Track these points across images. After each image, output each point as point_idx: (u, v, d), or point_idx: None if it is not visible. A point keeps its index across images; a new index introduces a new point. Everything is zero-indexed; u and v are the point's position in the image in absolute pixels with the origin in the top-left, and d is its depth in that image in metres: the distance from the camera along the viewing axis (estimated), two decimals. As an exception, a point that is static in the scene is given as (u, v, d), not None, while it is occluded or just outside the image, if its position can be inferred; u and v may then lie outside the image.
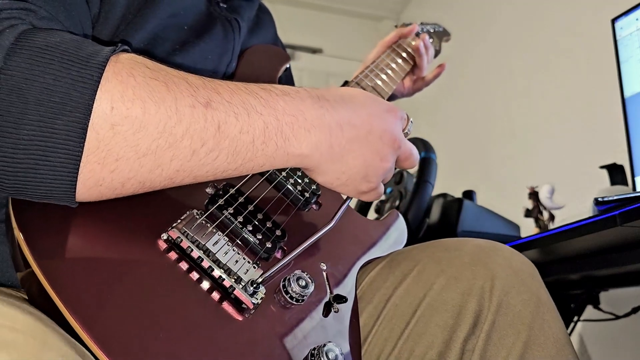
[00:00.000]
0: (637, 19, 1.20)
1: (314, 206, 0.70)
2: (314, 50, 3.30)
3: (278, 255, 0.59)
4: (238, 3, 0.79)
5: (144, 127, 0.42)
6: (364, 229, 0.73)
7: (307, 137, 0.53)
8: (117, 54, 0.44)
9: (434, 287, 0.63)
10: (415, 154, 0.64)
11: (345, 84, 0.85)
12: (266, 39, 0.89)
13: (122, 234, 0.49)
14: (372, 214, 1.56)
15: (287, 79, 0.93)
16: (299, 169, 0.69)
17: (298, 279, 0.56)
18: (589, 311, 1.47)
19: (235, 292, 0.51)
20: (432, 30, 1.12)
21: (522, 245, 1.02)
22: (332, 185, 0.59)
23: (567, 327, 1.39)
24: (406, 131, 0.64)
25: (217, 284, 0.51)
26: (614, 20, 1.25)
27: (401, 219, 0.80)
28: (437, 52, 1.13)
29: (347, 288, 0.64)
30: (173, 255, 0.51)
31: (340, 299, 0.59)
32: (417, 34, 1.06)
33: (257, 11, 0.88)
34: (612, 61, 1.25)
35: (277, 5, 0.87)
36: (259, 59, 0.78)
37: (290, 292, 0.55)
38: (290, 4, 3.23)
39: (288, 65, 0.87)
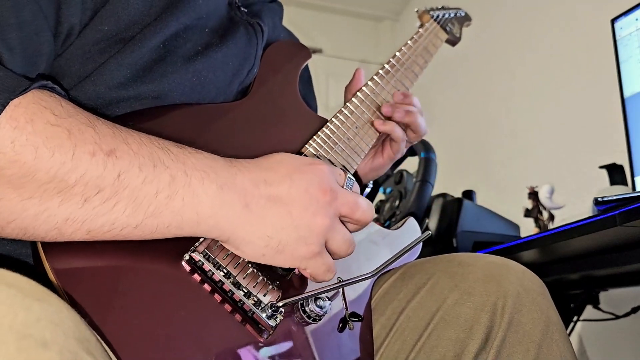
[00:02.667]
0: (636, 19, 1.20)
1: None
2: (314, 51, 3.30)
3: (297, 271, 0.59)
4: (259, 7, 0.76)
5: (32, 172, 0.42)
6: (382, 241, 0.71)
7: (219, 194, 0.49)
8: (23, 96, 0.43)
9: (447, 301, 0.64)
10: (363, 204, 0.57)
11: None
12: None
13: (147, 254, 0.50)
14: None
15: (306, 82, 0.88)
16: None
17: (316, 299, 0.56)
18: (589, 311, 1.47)
19: (254, 316, 0.52)
20: (453, 16, 1.00)
21: (521, 245, 1.02)
22: (265, 257, 0.52)
23: (566, 327, 1.39)
24: (343, 188, 0.58)
25: (237, 306, 0.52)
26: (613, 20, 1.25)
27: (418, 228, 0.78)
28: (457, 40, 1.01)
29: (362, 302, 0.64)
30: (197, 277, 0.51)
31: (357, 317, 0.59)
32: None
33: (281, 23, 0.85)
34: (611, 61, 1.25)
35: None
36: (280, 57, 0.75)
37: (307, 311, 0.56)
38: (290, 4, 3.22)
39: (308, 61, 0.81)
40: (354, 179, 0.59)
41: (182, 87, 0.60)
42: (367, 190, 0.91)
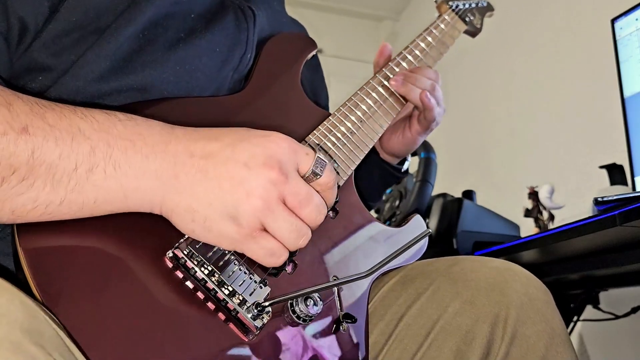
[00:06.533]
0: (636, 19, 1.20)
1: (330, 212, 0.63)
2: (314, 50, 3.30)
3: (288, 269, 0.57)
4: (257, 2, 0.73)
5: None
6: (384, 239, 0.68)
7: (145, 164, 0.46)
8: None
9: (448, 310, 0.62)
10: (316, 202, 0.49)
11: None
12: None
13: (129, 250, 0.49)
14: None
15: (314, 69, 0.85)
16: None
17: (306, 299, 0.53)
18: (589, 311, 1.47)
19: (238, 315, 0.50)
20: (474, 6, 0.96)
21: (521, 245, 1.02)
22: (195, 233, 0.48)
23: (566, 327, 1.39)
24: (309, 170, 0.50)
25: (221, 305, 0.50)
26: (613, 21, 1.25)
27: (424, 225, 0.74)
28: (477, 31, 0.97)
29: (358, 303, 0.62)
30: (179, 274, 0.50)
31: (350, 318, 0.57)
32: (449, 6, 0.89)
33: (280, 6, 0.82)
34: (611, 61, 1.25)
35: (277, 5, 0.84)
36: (282, 48, 0.72)
37: (297, 311, 0.53)
38: (290, 4, 3.22)
39: (314, 53, 0.79)
40: (327, 160, 0.52)
41: (166, 76, 0.58)
42: (407, 164, 0.92)
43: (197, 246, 0.50)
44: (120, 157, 0.46)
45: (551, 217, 1.42)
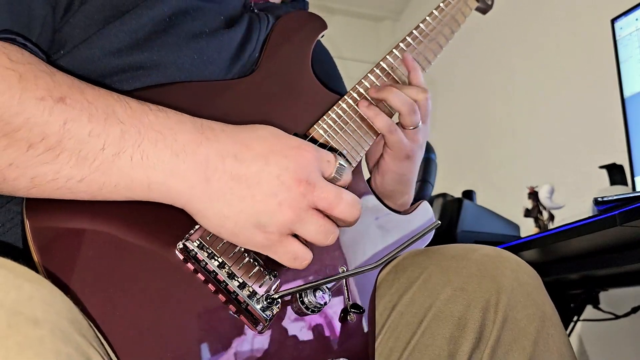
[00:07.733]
0: (636, 19, 1.20)
1: None
2: (314, 50, 3.30)
3: None
4: (275, 13, 0.74)
5: None
6: (392, 226, 0.68)
7: (174, 162, 0.46)
8: None
9: (440, 297, 0.62)
10: (346, 199, 0.51)
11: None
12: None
13: (139, 240, 0.49)
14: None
15: (320, 51, 0.83)
16: None
17: (315, 290, 0.54)
18: (589, 311, 1.48)
19: (248, 307, 0.51)
20: None
21: (521, 245, 1.02)
22: (221, 234, 0.50)
23: (566, 327, 1.39)
24: (332, 176, 0.53)
25: (232, 297, 0.51)
26: (613, 21, 1.25)
27: (431, 212, 0.73)
28: (489, 7, 0.92)
29: (366, 294, 0.62)
30: (190, 266, 0.50)
31: (357, 308, 0.58)
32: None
33: None
34: (611, 61, 1.25)
35: (277, 5, 0.84)
36: (292, 28, 0.71)
37: (306, 302, 0.54)
38: (290, 4, 3.22)
39: (324, 34, 0.77)
40: (346, 165, 0.54)
41: (182, 62, 0.59)
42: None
43: (207, 238, 0.51)
44: (150, 148, 0.46)
45: (551, 217, 1.42)
